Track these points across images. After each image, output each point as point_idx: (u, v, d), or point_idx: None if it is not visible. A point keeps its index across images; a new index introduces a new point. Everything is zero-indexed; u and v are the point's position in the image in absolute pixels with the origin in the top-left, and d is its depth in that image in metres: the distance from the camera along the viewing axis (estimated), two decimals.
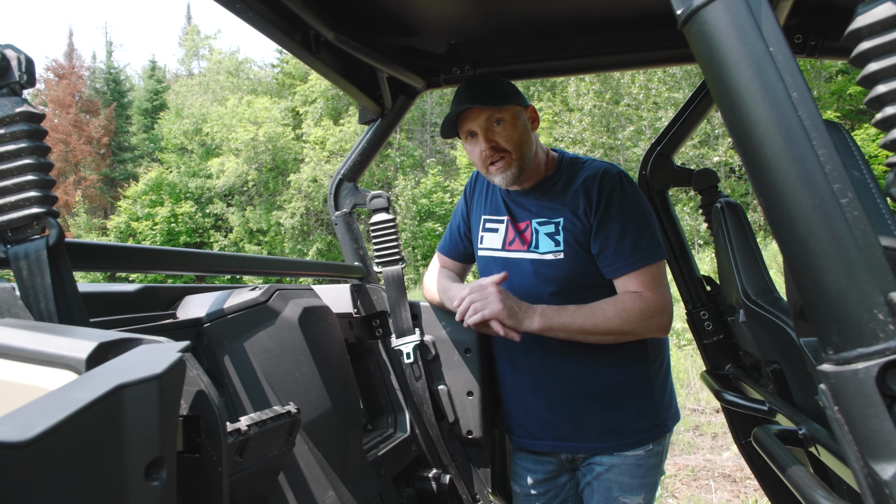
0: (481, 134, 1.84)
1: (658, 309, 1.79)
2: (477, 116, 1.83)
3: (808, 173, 0.63)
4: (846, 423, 0.61)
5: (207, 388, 0.78)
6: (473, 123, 1.85)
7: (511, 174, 1.87)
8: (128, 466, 0.58)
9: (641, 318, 1.77)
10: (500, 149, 1.84)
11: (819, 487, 0.88)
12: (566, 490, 2.03)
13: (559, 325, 1.76)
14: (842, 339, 0.62)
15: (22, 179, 0.88)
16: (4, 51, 0.87)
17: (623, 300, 1.78)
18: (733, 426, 2.26)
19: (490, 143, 1.84)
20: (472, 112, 1.83)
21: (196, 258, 1.41)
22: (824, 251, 0.62)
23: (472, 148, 1.90)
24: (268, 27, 1.61)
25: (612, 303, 1.78)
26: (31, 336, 0.72)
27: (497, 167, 1.86)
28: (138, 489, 0.59)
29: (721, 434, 5.67)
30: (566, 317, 1.75)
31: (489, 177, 1.91)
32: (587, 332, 1.77)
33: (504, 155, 1.85)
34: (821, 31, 1.96)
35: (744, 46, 0.65)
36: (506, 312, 1.73)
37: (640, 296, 1.78)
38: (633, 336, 1.82)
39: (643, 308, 1.77)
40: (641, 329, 1.79)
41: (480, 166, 1.91)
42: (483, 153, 1.85)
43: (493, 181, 1.91)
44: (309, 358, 1.49)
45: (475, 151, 1.89)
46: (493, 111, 1.83)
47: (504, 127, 1.85)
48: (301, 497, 1.38)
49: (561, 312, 1.76)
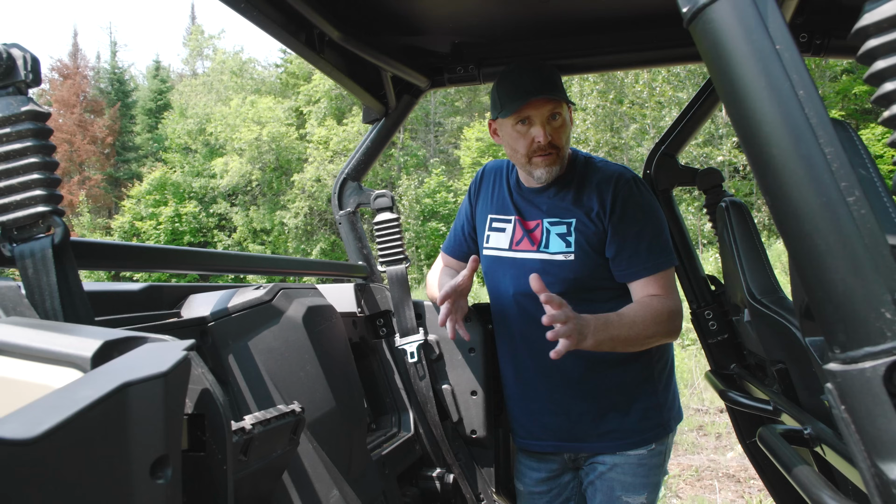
0: (539, 124, 1.81)
1: (677, 311, 1.80)
2: (541, 106, 1.80)
3: (814, 171, 0.63)
4: (853, 423, 0.61)
5: (212, 386, 0.78)
6: (535, 112, 1.81)
7: (555, 170, 1.85)
8: (133, 464, 0.58)
9: (669, 320, 1.77)
10: (553, 144, 1.83)
11: (825, 487, 0.87)
12: (570, 489, 2.03)
13: (607, 339, 1.68)
14: (849, 338, 0.61)
15: (27, 178, 0.88)
16: (10, 50, 0.87)
17: (652, 304, 1.77)
18: (738, 426, 2.26)
19: (547, 137, 1.81)
20: (538, 101, 1.80)
21: (200, 257, 1.41)
22: (831, 249, 0.61)
23: (519, 135, 1.84)
24: (272, 26, 1.61)
25: (645, 309, 1.75)
26: (37, 334, 0.72)
27: (544, 160, 1.83)
28: (144, 487, 0.59)
29: (725, 434, 5.65)
30: (613, 329, 1.68)
31: (530, 167, 1.87)
32: (630, 342, 1.74)
33: (552, 151, 1.83)
34: (826, 29, 1.96)
35: (750, 44, 0.65)
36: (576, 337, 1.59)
37: (661, 298, 1.79)
38: (659, 340, 1.81)
39: (669, 310, 1.77)
40: (667, 331, 1.79)
41: (523, 153, 1.85)
42: (536, 142, 1.81)
43: (533, 173, 1.87)
44: (313, 357, 1.49)
45: (523, 140, 1.84)
46: (556, 104, 1.81)
47: (560, 122, 1.84)
48: (305, 496, 1.38)
49: (608, 326, 1.68)
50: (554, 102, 1.81)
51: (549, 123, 1.82)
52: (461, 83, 2.28)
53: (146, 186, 29.41)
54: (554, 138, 1.83)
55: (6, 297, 0.86)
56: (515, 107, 1.80)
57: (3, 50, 0.86)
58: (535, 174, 1.87)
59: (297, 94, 29.28)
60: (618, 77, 17.54)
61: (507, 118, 1.84)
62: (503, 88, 1.84)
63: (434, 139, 29.28)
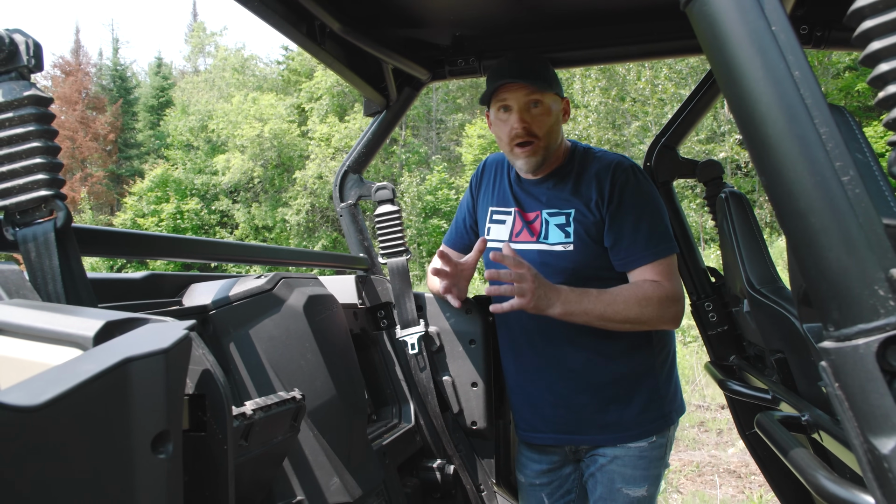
0: (516, 111, 1.83)
1: (674, 297, 1.79)
2: (516, 91, 1.82)
3: (809, 151, 0.63)
4: (846, 400, 0.62)
5: (213, 367, 0.79)
6: (511, 98, 1.83)
7: (535, 161, 1.86)
8: (134, 438, 0.59)
9: (660, 305, 1.76)
10: (532, 133, 1.83)
11: (821, 468, 0.88)
12: (570, 481, 2.03)
13: (580, 311, 1.73)
14: (842, 316, 0.62)
15: (30, 162, 0.89)
16: (12, 35, 0.88)
17: (643, 287, 1.77)
18: (737, 417, 2.26)
19: (523, 124, 1.82)
20: (512, 86, 1.81)
21: (202, 246, 1.42)
22: (825, 228, 0.62)
23: (501, 123, 1.87)
24: (274, 18, 1.62)
25: (633, 289, 1.77)
26: (40, 315, 0.73)
27: (524, 150, 1.85)
28: (145, 460, 0.60)
29: (726, 430, 5.66)
30: (587, 303, 1.73)
31: (512, 157, 1.89)
32: (607, 319, 1.75)
33: (533, 140, 1.84)
34: (827, 21, 1.96)
35: (746, 25, 0.66)
36: (533, 304, 1.69)
37: (658, 284, 1.78)
38: (649, 325, 1.81)
39: (661, 296, 1.76)
40: (658, 317, 1.78)
41: (506, 143, 1.88)
42: (513, 131, 1.83)
43: (515, 164, 1.89)
44: (314, 346, 1.49)
45: (504, 127, 1.86)
46: (533, 91, 1.82)
47: (540, 111, 1.84)
48: (306, 483, 1.39)
49: (583, 298, 1.73)
50: (530, 89, 1.81)
51: (527, 111, 1.83)
52: (462, 75, 2.28)
53: (148, 183, 29.42)
54: (533, 126, 1.83)
55: (9, 280, 0.86)
56: (491, 88, 1.83)
57: (5, 35, 0.87)
58: (516, 164, 1.90)
59: (298, 91, 29.26)
60: (620, 74, 17.51)
61: (492, 105, 1.88)
62: (489, 76, 1.89)
63: (436, 136, 29.25)
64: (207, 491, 0.78)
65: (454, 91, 28.98)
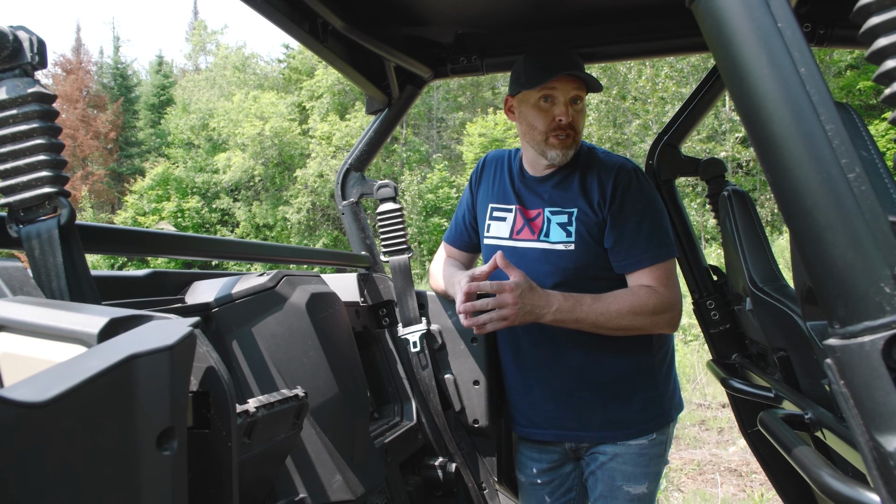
0: (563, 103, 1.82)
1: (670, 304, 1.79)
2: (566, 84, 1.81)
3: (815, 148, 0.63)
4: (852, 397, 0.61)
5: (217, 364, 0.79)
6: (560, 88, 1.82)
7: (569, 154, 1.87)
8: (140, 434, 0.59)
9: (654, 313, 1.77)
10: (572, 126, 1.84)
11: (825, 466, 0.88)
12: (571, 479, 2.03)
13: (571, 319, 1.74)
14: (848, 313, 0.62)
15: (34, 159, 0.89)
16: (16, 32, 0.87)
17: (638, 294, 1.77)
18: (739, 415, 2.26)
19: (569, 118, 1.82)
20: (563, 77, 1.80)
21: (205, 244, 1.42)
22: (831, 225, 0.62)
23: (541, 112, 1.85)
24: (276, 15, 1.62)
25: (627, 297, 1.77)
26: (44, 312, 0.73)
27: (562, 142, 1.84)
28: (150, 457, 0.60)
29: (727, 429, 5.66)
30: (580, 312, 1.74)
31: (544, 147, 1.87)
32: (599, 327, 1.76)
33: (571, 133, 1.85)
34: (830, 19, 1.95)
35: (751, 21, 0.66)
36: (518, 321, 1.70)
37: (653, 290, 1.78)
38: (643, 331, 1.82)
39: (656, 303, 1.76)
40: (652, 324, 1.79)
41: (542, 132, 1.85)
42: (557, 120, 1.82)
43: (547, 154, 1.87)
44: (316, 343, 1.50)
45: (545, 116, 1.84)
46: (581, 88, 1.83)
47: (580, 108, 1.86)
48: (308, 481, 1.39)
49: (576, 308, 1.74)
50: (580, 84, 1.82)
51: (571, 105, 1.83)
52: (464, 74, 2.28)
53: (149, 182, 29.41)
54: (574, 120, 1.84)
55: (13, 277, 0.86)
56: (544, 80, 1.80)
57: (9, 32, 0.86)
58: (549, 154, 1.87)
59: (299, 90, 29.25)
60: (620, 72, 17.50)
61: (531, 91, 1.84)
62: (531, 63, 1.84)
63: (437, 135, 29.25)
64: (212, 488, 0.78)
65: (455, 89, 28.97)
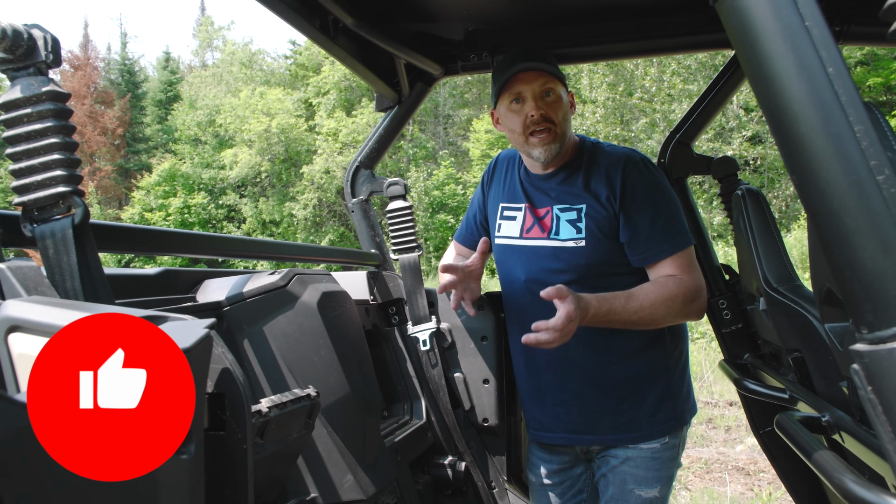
0: (531, 99, 1.81)
1: (696, 291, 1.77)
2: (532, 80, 1.80)
3: (843, 149, 0.62)
4: (880, 404, 0.60)
5: (232, 365, 0.79)
6: (525, 87, 1.81)
7: (553, 148, 1.83)
8: None
9: (684, 302, 1.74)
10: (548, 119, 1.81)
11: (848, 472, 0.87)
12: (582, 480, 2.02)
13: (604, 322, 1.71)
14: (877, 318, 0.61)
15: (48, 158, 0.88)
16: (31, 30, 0.87)
17: (666, 285, 1.75)
18: (751, 416, 2.25)
19: (539, 111, 1.80)
20: (526, 75, 1.80)
21: (215, 242, 1.42)
22: (860, 228, 0.61)
23: (514, 114, 1.84)
24: (286, 12, 1.61)
25: (656, 290, 1.74)
26: (59, 312, 0.72)
27: (540, 138, 1.82)
28: (167, 462, 0.59)
29: (734, 427, 5.64)
30: (614, 314, 1.70)
31: (527, 148, 1.86)
32: (632, 324, 1.74)
33: (550, 126, 1.82)
34: (846, 15, 1.93)
35: (778, 20, 0.64)
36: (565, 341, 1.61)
37: (679, 279, 1.76)
38: (676, 320, 1.80)
39: (685, 292, 1.74)
40: (683, 313, 1.77)
41: (520, 134, 1.84)
42: (529, 117, 1.81)
43: (531, 154, 1.86)
44: (328, 342, 1.49)
45: (518, 117, 1.83)
46: (548, 78, 1.81)
47: (553, 100, 1.83)
48: (319, 481, 1.39)
49: (611, 314, 1.70)
50: (544, 76, 1.80)
51: (541, 99, 1.82)
52: (474, 71, 2.27)
53: (156, 177, 29.46)
54: (548, 112, 1.81)
55: (27, 276, 0.86)
56: (504, 80, 1.81)
57: (24, 30, 0.86)
58: (533, 154, 1.86)
59: (306, 86, 29.22)
60: (627, 69, 17.43)
61: (503, 97, 1.85)
62: (497, 70, 1.86)
63: (443, 131, 29.20)
64: (227, 490, 0.77)
65: (462, 86, 28.91)
